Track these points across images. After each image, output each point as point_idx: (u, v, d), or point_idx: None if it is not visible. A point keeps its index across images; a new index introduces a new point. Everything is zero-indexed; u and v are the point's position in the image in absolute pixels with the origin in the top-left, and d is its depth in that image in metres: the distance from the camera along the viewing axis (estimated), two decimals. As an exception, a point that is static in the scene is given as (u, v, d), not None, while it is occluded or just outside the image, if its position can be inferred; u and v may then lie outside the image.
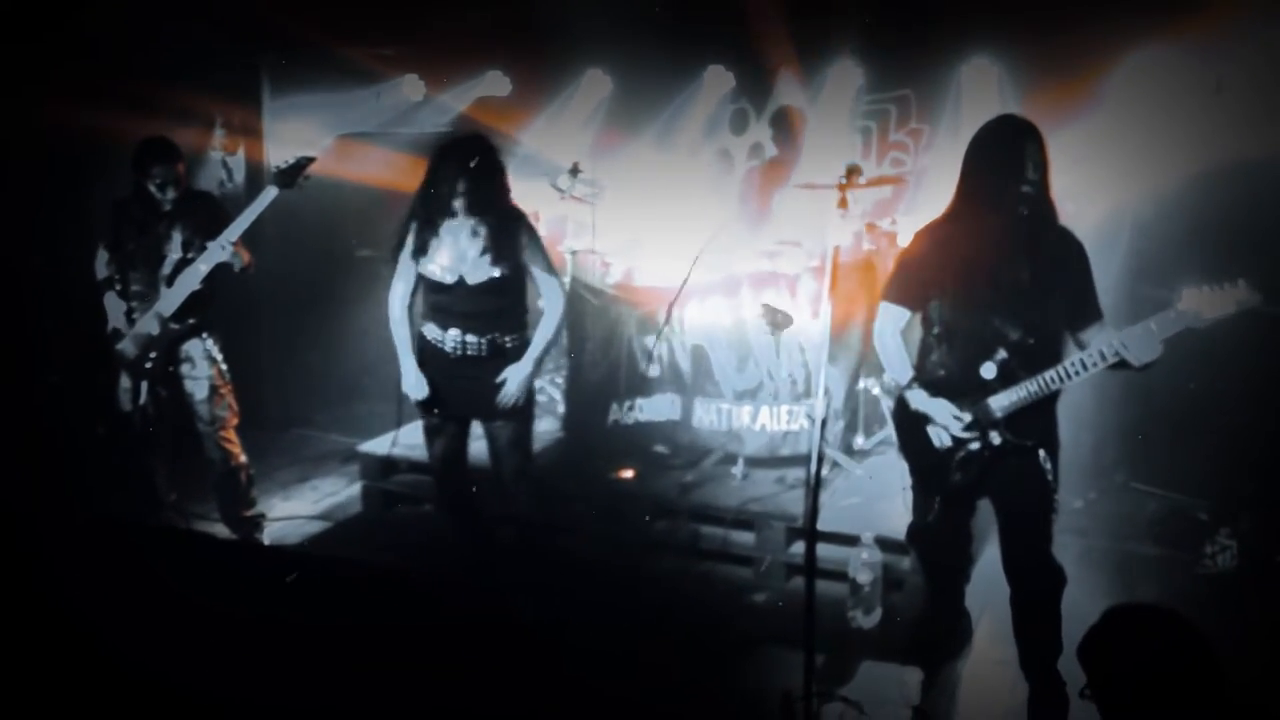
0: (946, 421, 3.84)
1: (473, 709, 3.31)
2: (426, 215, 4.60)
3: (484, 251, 4.54)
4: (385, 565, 5.29)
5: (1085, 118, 6.01)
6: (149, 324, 5.20)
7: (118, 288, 5.28)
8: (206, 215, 5.25)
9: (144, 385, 5.27)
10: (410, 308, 4.74)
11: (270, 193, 5.16)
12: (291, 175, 5.18)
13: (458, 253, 4.55)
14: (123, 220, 5.24)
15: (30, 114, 6.09)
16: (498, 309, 4.62)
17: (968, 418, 3.80)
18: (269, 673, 3.25)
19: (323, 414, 7.75)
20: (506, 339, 4.63)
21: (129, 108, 6.08)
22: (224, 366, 5.39)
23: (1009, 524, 3.94)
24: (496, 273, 4.54)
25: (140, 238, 5.21)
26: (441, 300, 4.63)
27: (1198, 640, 2.44)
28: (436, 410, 4.74)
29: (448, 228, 4.56)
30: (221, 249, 5.08)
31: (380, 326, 4.78)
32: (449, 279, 4.55)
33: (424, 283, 4.66)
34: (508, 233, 4.59)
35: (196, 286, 5.16)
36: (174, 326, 5.22)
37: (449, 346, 4.61)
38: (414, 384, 4.68)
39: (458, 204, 4.53)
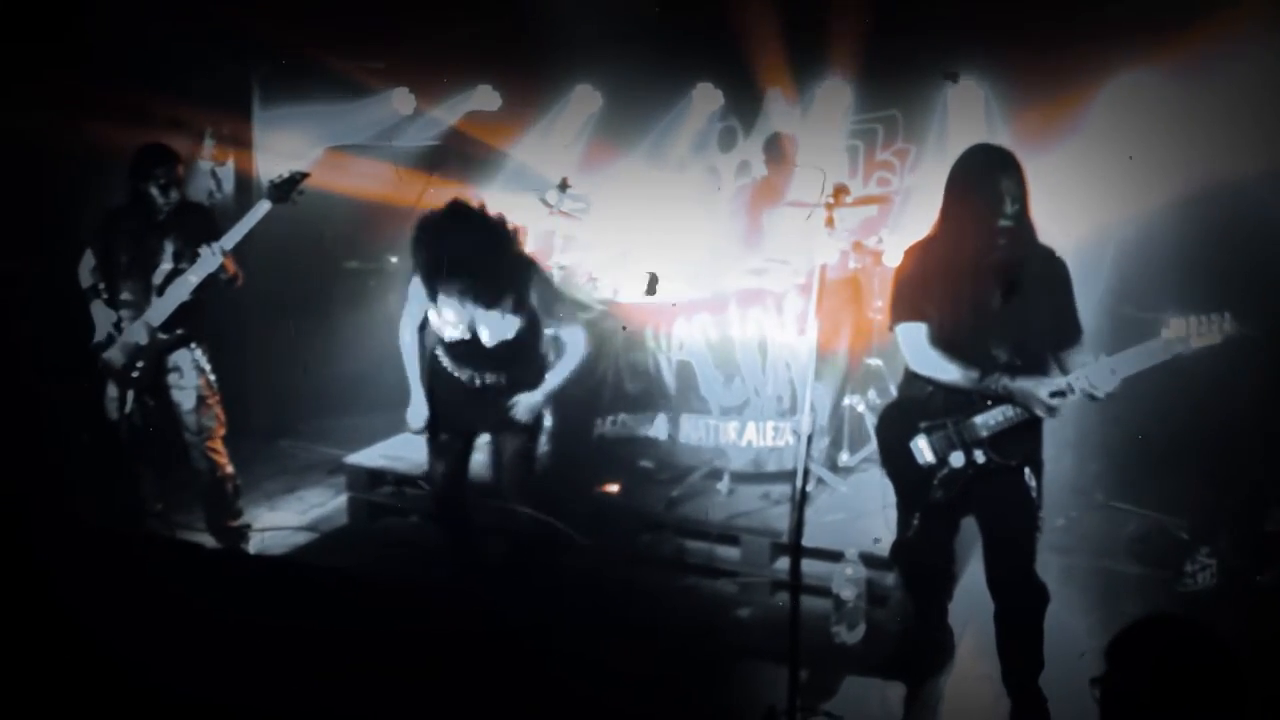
0: (1044, 398, 3.66)
1: (456, 713, 3.33)
2: (426, 287, 4.40)
3: (493, 312, 4.38)
4: (371, 574, 5.30)
5: (1070, 139, 6.07)
6: (137, 333, 5.21)
7: (104, 296, 5.29)
8: (200, 227, 5.24)
9: (130, 394, 5.29)
10: (422, 329, 4.60)
11: (263, 206, 5.14)
12: (285, 189, 5.16)
13: (467, 314, 4.40)
14: (115, 229, 5.25)
15: (18, 119, 6.07)
16: (516, 353, 4.52)
17: (1062, 384, 3.67)
18: (252, 679, 3.26)
19: (309, 425, 7.71)
20: (526, 374, 4.55)
21: (119, 116, 6.07)
22: (212, 377, 5.40)
23: (993, 541, 3.97)
24: (510, 334, 4.43)
25: (133, 247, 5.22)
26: (455, 349, 4.53)
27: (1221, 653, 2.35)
28: (442, 429, 4.68)
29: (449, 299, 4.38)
30: (213, 255, 5.08)
31: (367, 337, 4.74)
32: (462, 335, 4.43)
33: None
34: (519, 292, 4.41)
35: (186, 297, 5.18)
36: (163, 336, 5.23)
37: (465, 378, 4.54)
38: (418, 415, 4.61)
39: (454, 287, 4.28)
